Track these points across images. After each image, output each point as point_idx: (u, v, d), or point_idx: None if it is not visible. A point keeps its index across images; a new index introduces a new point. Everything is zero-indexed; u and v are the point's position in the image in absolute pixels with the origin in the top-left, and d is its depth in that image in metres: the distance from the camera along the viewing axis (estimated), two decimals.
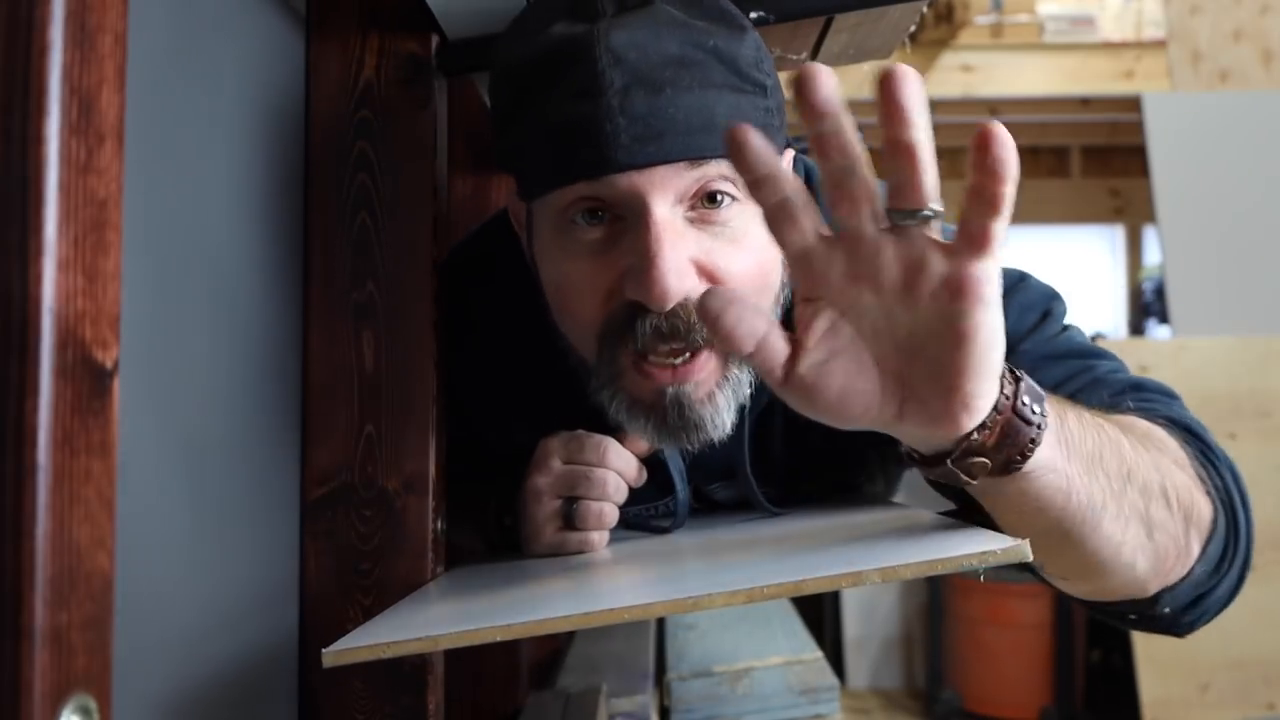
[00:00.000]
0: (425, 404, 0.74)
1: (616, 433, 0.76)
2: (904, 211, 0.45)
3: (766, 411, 0.79)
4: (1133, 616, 0.65)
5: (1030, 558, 0.49)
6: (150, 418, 0.53)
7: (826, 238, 0.46)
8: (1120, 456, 0.56)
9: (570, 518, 0.74)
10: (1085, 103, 3.86)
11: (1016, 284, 0.74)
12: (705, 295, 0.47)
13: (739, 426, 0.75)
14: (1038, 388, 0.51)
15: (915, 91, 0.43)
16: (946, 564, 0.49)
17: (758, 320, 0.47)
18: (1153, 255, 4.27)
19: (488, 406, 0.84)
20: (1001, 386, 0.49)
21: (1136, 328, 4.30)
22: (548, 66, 0.64)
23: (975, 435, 0.49)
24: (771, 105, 0.66)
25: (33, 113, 0.33)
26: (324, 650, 0.52)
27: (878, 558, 0.53)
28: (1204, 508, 0.61)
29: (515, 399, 0.84)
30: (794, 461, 0.82)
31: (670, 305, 0.63)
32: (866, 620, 3.66)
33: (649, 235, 0.63)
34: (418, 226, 0.75)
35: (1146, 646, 2.89)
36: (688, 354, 0.66)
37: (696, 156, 0.63)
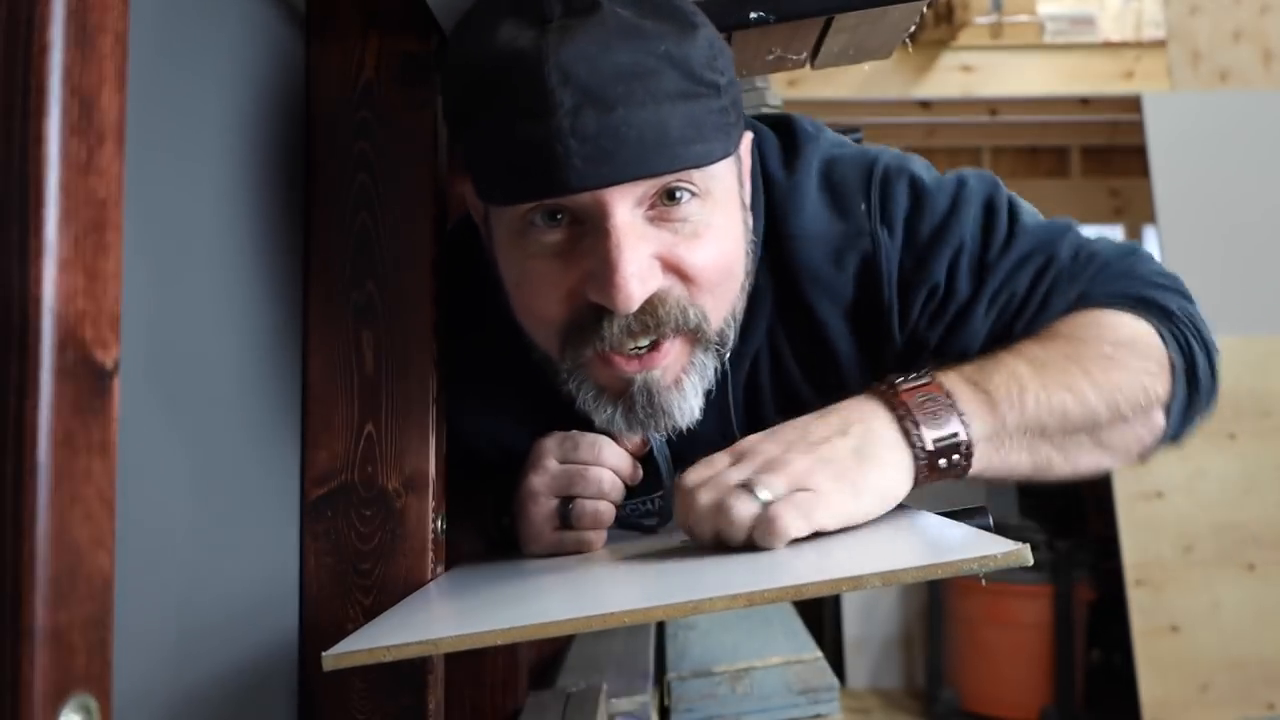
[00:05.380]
0: (425, 404, 0.74)
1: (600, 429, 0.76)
2: None
3: (752, 376, 0.80)
4: None
5: (1030, 562, 0.49)
6: (150, 417, 0.53)
7: None
8: (1065, 415, 0.66)
9: (567, 517, 0.74)
10: (1085, 103, 3.85)
11: (956, 198, 0.76)
12: None
13: (724, 406, 0.76)
14: (918, 378, 0.63)
15: None
16: (947, 568, 0.49)
17: None
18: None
19: (465, 407, 0.84)
20: (917, 462, 0.61)
21: None
22: (496, 78, 0.63)
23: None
24: (726, 103, 0.66)
25: (33, 113, 0.33)
26: (324, 654, 0.52)
27: (878, 561, 0.53)
28: (1159, 386, 0.70)
29: (492, 399, 0.84)
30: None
31: (635, 307, 0.64)
32: (866, 620, 3.66)
33: (609, 241, 0.63)
34: (418, 226, 0.75)
35: (1146, 646, 2.89)
36: (653, 340, 0.67)
37: (649, 175, 0.62)
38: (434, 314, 0.75)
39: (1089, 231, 0.80)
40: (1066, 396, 0.65)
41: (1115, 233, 4.50)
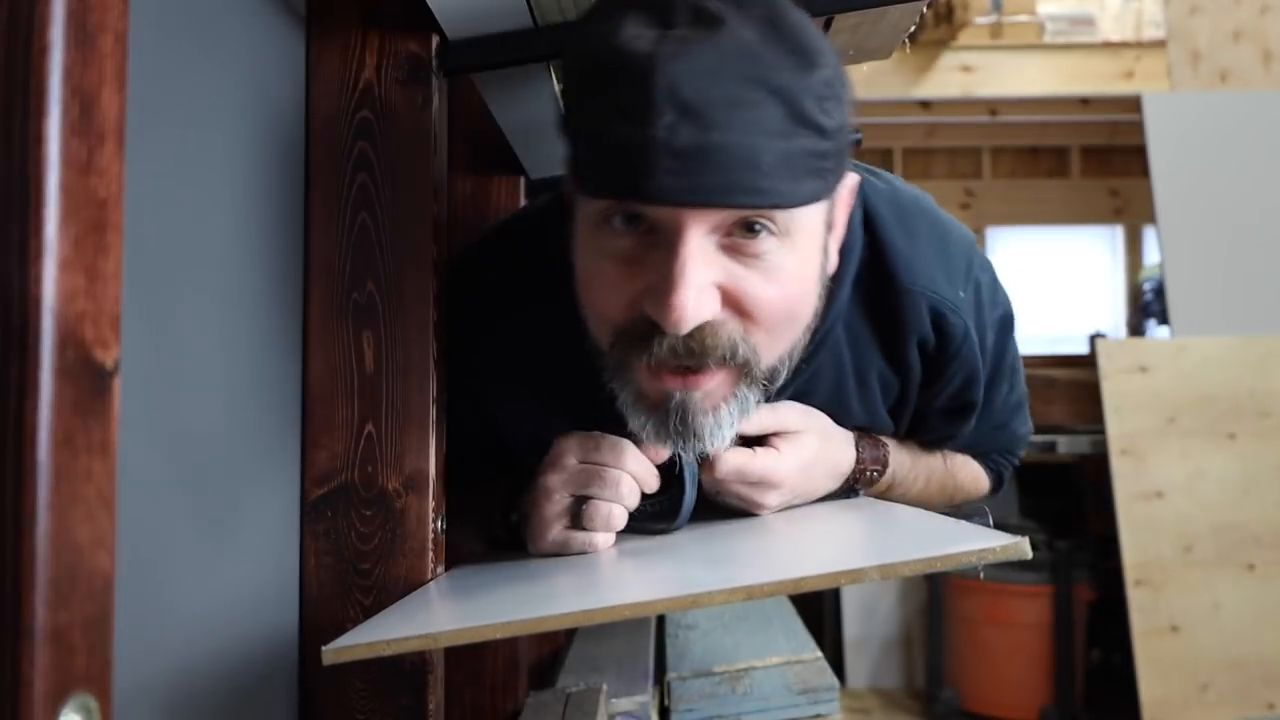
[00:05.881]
0: (425, 404, 0.74)
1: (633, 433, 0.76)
2: None
3: (803, 397, 0.83)
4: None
5: (1030, 555, 0.50)
6: (150, 418, 0.53)
7: None
8: (928, 483, 0.96)
9: (579, 517, 0.73)
10: (1085, 103, 3.86)
11: (1000, 327, 0.90)
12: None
13: None
14: (879, 453, 0.88)
15: None
16: (946, 561, 0.50)
17: None
18: (1153, 255, 4.27)
19: (510, 392, 0.84)
20: (863, 465, 0.86)
21: (1136, 328, 4.30)
22: (607, 73, 0.63)
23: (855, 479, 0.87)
24: (828, 147, 0.64)
25: (33, 113, 0.33)
26: (324, 648, 0.52)
27: (877, 555, 0.53)
28: (978, 491, 1.05)
29: (540, 387, 0.83)
30: None
31: (686, 330, 0.64)
32: (866, 620, 3.66)
33: (675, 259, 0.63)
34: (418, 226, 0.75)
35: (1146, 647, 2.89)
36: (698, 364, 0.67)
37: (731, 205, 0.62)
38: (434, 314, 0.75)
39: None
40: (925, 495, 0.97)
41: (1115, 233, 4.51)
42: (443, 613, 0.62)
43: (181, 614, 0.57)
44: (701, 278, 0.64)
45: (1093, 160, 4.46)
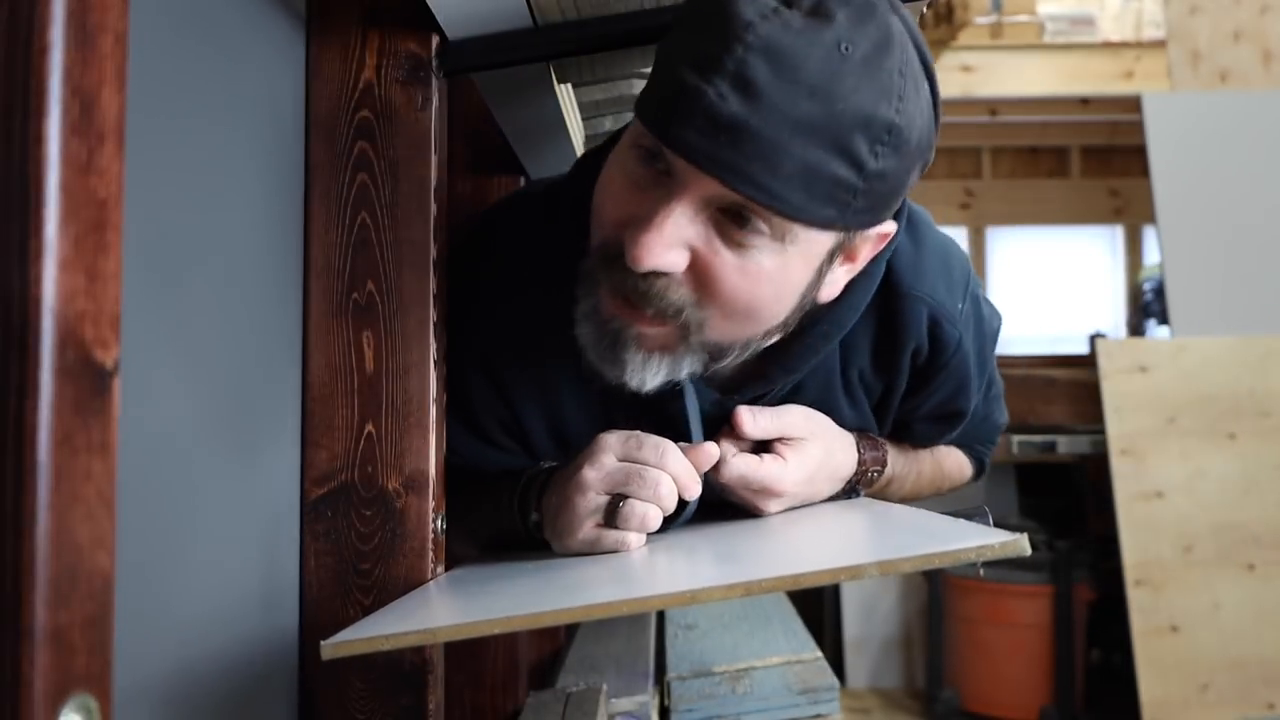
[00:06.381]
0: (425, 404, 0.74)
1: (647, 423, 0.76)
2: None
3: (794, 395, 0.84)
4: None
5: (1029, 551, 0.50)
6: (151, 417, 0.53)
7: None
8: (919, 476, 1.00)
9: (613, 515, 0.72)
10: (1085, 103, 3.86)
11: (983, 343, 0.92)
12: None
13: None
14: (879, 453, 0.89)
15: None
16: (945, 557, 0.50)
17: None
18: (1153, 255, 4.27)
19: (521, 374, 0.83)
20: (865, 467, 0.87)
21: (1136, 328, 4.30)
22: (708, 20, 0.63)
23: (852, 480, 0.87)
24: (859, 186, 0.64)
25: (33, 113, 0.33)
26: (323, 642, 0.52)
27: (876, 551, 0.53)
28: (963, 478, 1.10)
29: (550, 370, 0.83)
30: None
31: (642, 270, 0.66)
32: (866, 620, 3.66)
33: (662, 206, 0.65)
34: (418, 226, 0.75)
35: (1146, 647, 2.89)
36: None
37: (731, 186, 0.62)
38: (434, 314, 0.75)
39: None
40: (926, 463, 1.01)
41: (1115, 233, 4.51)
42: (442, 609, 0.62)
43: (181, 614, 0.57)
44: (677, 233, 0.65)
45: (1093, 160, 4.47)
